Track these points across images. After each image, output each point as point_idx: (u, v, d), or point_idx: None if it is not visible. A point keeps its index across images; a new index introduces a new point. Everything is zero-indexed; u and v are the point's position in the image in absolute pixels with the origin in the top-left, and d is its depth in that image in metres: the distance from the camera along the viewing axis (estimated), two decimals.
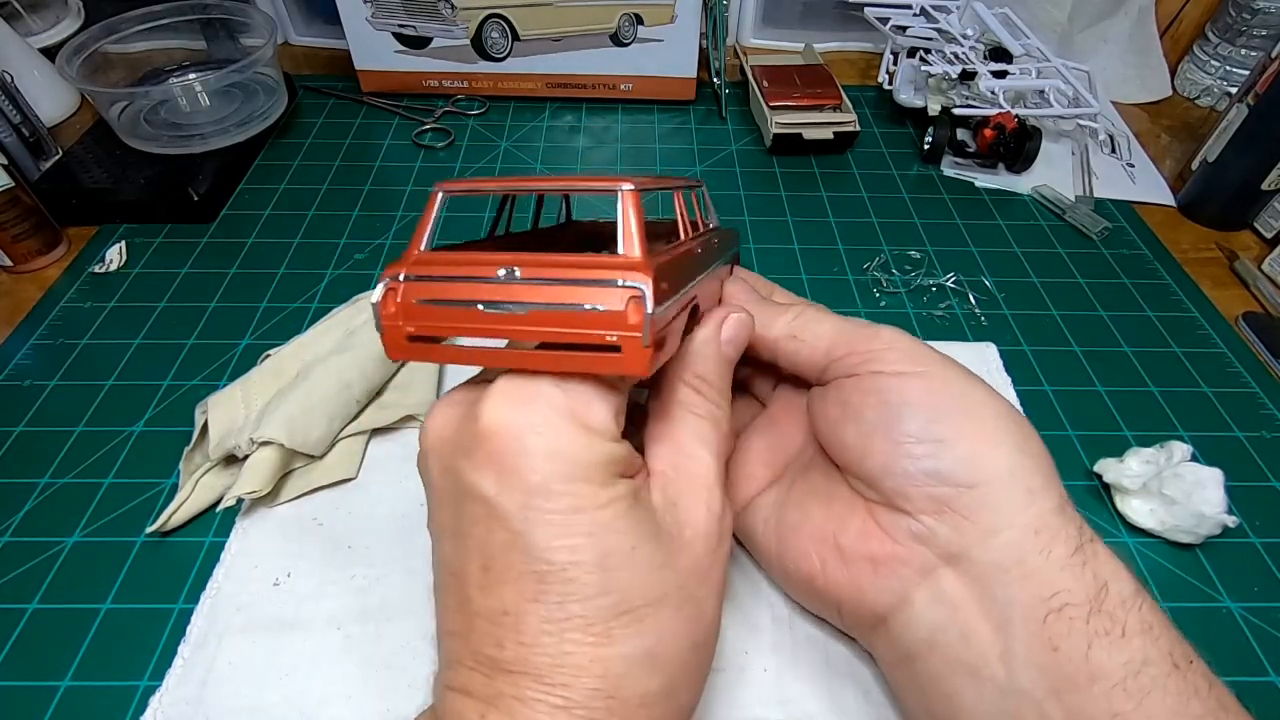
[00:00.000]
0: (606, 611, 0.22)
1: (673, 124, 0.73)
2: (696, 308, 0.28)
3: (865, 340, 0.31)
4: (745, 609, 0.37)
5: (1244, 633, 0.38)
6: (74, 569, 0.39)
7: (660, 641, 0.23)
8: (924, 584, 0.28)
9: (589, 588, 0.22)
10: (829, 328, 0.32)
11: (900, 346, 0.30)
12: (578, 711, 0.22)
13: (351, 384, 0.43)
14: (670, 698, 0.24)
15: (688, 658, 0.24)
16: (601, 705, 0.22)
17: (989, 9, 0.72)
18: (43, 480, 0.42)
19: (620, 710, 0.22)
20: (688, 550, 0.25)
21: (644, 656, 0.23)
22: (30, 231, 0.54)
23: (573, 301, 0.21)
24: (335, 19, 0.69)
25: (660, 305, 0.21)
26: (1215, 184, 0.62)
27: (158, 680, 0.34)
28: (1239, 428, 0.47)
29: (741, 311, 0.31)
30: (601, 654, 0.22)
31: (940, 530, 0.28)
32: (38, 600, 0.37)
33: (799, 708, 0.34)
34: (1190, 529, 0.40)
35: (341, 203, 0.62)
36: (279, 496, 0.40)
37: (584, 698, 0.22)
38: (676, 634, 0.24)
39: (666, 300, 0.22)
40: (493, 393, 0.23)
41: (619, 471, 0.24)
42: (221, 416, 0.41)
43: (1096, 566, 0.26)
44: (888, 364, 0.30)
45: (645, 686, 0.23)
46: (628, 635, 0.23)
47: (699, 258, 0.29)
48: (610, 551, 0.22)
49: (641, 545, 0.23)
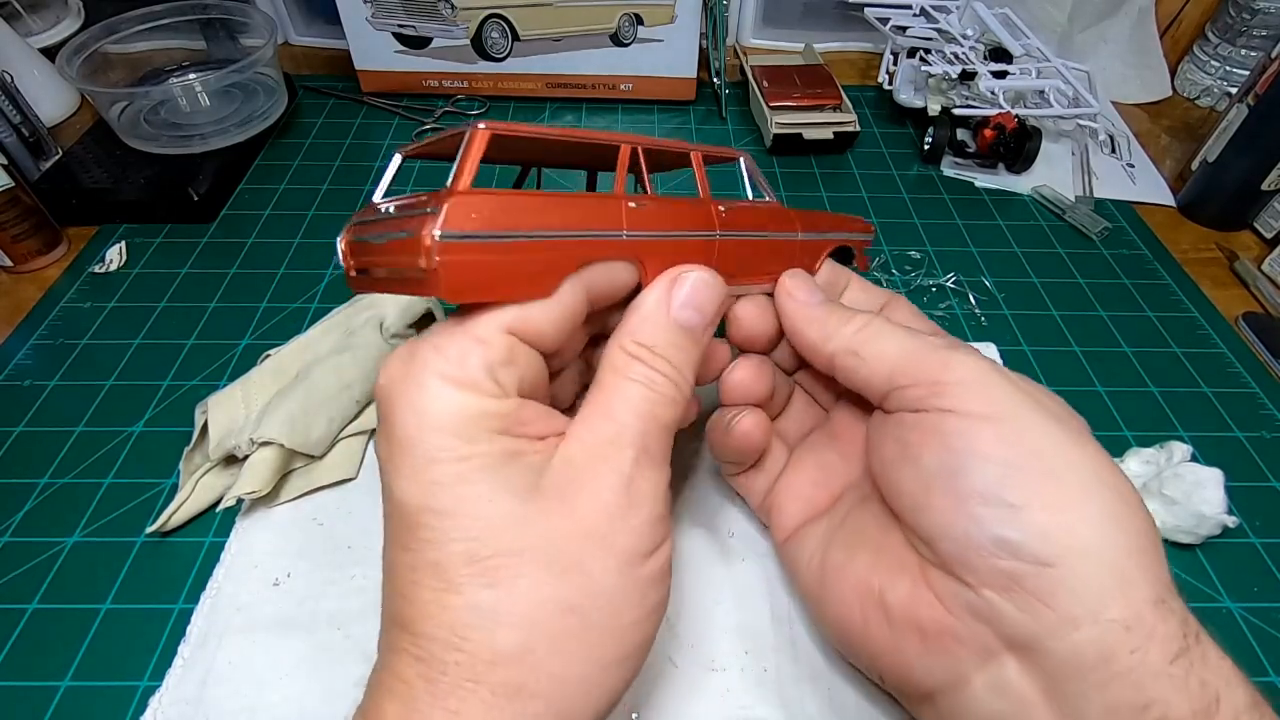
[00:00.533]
0: (456, 559, 0.22)
1: (673, 124, 0.73)
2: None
3: (935, 368, 0.26)
4: (745, 609, 0.37)
5: (1244, 633, 0.38)
6: (74, 569, 0.39)
7: (512, 598, 0.22)
8: (983, 669, 0.24)
9: (438, 533, 0.22)
10: (894, 348, 0.28)
11: (975, 380, 0.26)
12: (431, 663, 0.21)
13: (352, 384, 0.43)
14: (528, 660, 0.22)
15: (556, 621, 0.22)
16: (451, 659, 0.21)
17: (989, 9, 0.72)
18: (43, 480, 0.42)
19: (469, 665, 0.21)
20: (573, 513, 0.23)
21: (490, 610, 0.22)
22: (30, 231, 0.54)
23: (400, 230, 0.22)
24: (335, 19, 0.69)
25: (465, 233, 0.21)
26: (1215, 184, 0.62)
27: (158, 680, 0.34)
28: (1239, 428, 0.47)
29: (703, 271, 0.27)
30: (449, 601, 0.22)
31: (1007, 610, 0.23)
32: (38, 600, 0.37)
33: (799, 708, 0.34)
34: (1190, 529, 0.40)
35: (341, 203, 0.62)
36: (279, 496, 0.40)
37: (437, 649, 0.21)
38: (538, 593, 0.22)
39: (486, 232, 0.22)
40: (389, 356, 0.24)
41: (495, 427, 0.23)
42: (221, 417, 0.41)
43: (1205, 673, 0.22)
44: (957, 402, 0.25)
45: (494, 642, 0.21)
46: (475, 586, 0.22)
47: (673, 212, 0.28)
48: (463, 500, 0.22)
49: (500, 498, 0.22)
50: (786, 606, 0.37)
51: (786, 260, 0.33)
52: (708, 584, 0.38)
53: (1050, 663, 0.23)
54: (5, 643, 0.36)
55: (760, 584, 0.38)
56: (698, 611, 0.37)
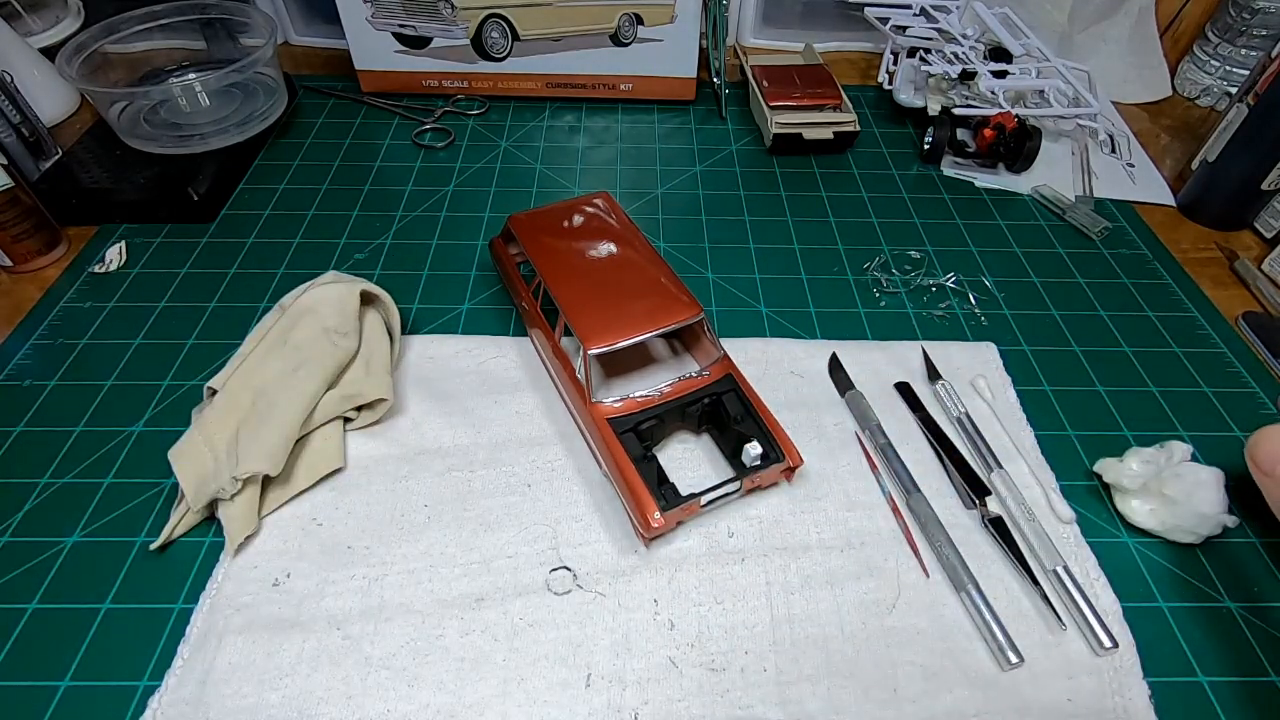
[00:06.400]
0: None
1: (673, 124, 0.73)
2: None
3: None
4: (745, 609, 0.37)
5: (1244, 633, 0.38)
6: (74, 569, 0.39)
7: None
8: None
9: None
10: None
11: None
12: None
13: (316, 394, 0.43)
14: None
15: None
16: None
17: (989, 9, 0.72)
18: (43, 480, 0.42)
19: None
20: None
21: None
22: (30, 231, 0.54)
23: None
24: (335, 19, 0.69)
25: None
26: (1215, 184, 0.62)
27: (157, 680, 0.34)
28: (1239, 428, 0.47)
29: None
30: None
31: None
32: (38, 600, 0.37)
33: (799, 708, 0.34)
34: (1190, 529, 0.40)
35: (341, 203, 0.62)
36: (265, 508, 0.41)
37: None
38: None
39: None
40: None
41: None
42: (189, 468, 0.40)
43: None
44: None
45: None
46: None
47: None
48: None
49: None
50: (786, 606, 0.37)
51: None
52: (708, 584, 0.38)
53: None
54: (5, 643, 0.36)
55: (760, 584, 0.38)
56: (698, 611, 0.37)
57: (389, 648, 0.36)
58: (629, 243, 0.48)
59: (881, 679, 0.35)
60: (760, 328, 0.52)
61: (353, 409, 0.44)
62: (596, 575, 0.39)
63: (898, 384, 0.48)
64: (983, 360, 0.50)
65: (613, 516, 0.41)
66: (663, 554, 0.40)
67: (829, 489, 0.43)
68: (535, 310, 0.47)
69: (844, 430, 0.46)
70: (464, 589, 0.38)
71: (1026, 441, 0.45)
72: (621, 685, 0.35)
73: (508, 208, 0.62)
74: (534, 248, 0.48)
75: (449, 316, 0.53)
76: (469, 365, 0.49)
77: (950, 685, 0.35)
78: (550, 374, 0.48)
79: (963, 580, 0.38)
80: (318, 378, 0.43)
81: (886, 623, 0.37)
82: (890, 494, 0.42)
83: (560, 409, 0.46)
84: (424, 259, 0.57)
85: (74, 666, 0.35)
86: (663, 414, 0.42)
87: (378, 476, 0.43)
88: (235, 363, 0.43)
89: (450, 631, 0.36)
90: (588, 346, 0.41)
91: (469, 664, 0.35)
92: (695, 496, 0.39)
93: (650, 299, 0.44)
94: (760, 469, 0.40)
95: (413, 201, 0.63)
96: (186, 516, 0.40)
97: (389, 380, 0.45)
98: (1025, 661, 0.35)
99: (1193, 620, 0.38)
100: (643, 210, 0.62)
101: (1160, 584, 0.39)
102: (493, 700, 0.34)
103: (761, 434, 0.41)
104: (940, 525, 0.40)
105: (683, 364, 0.48)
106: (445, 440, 0.44)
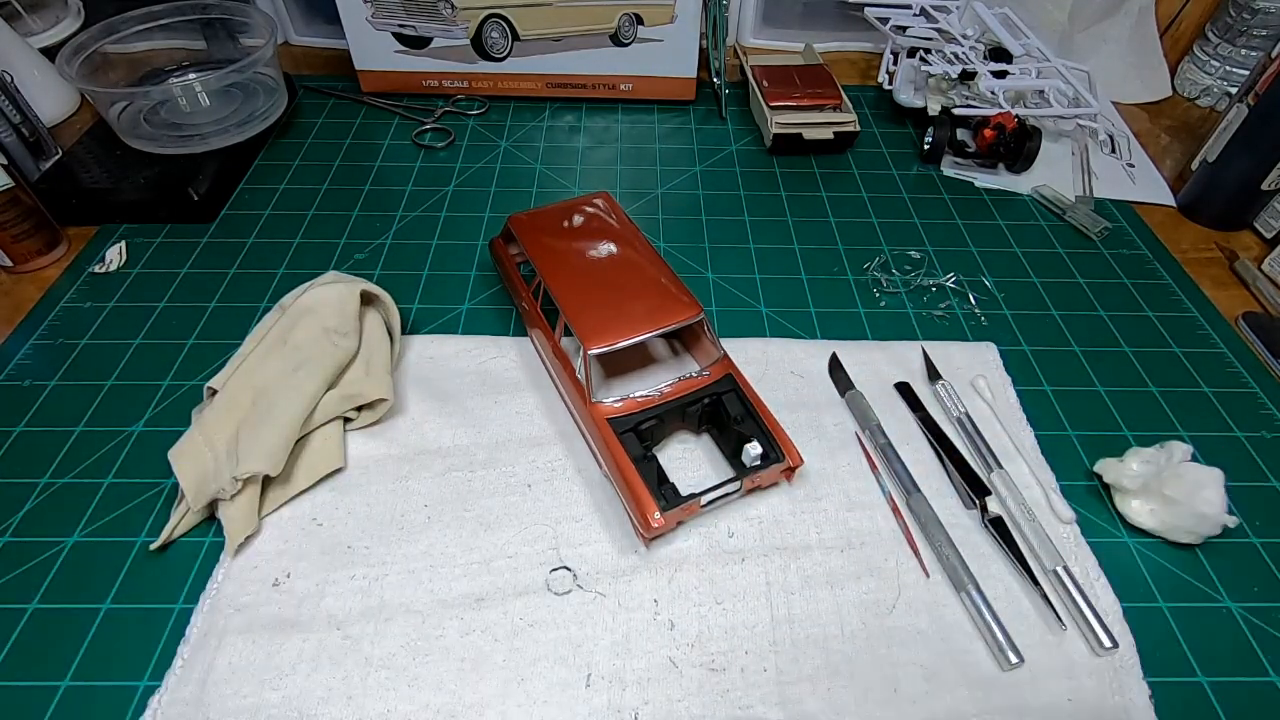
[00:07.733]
0: None
1: (673, 124, 0.73)
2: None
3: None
4: (745, 609, 0.37)
5: (1244, 633, 0.38)
6: (74, 569, 0.39)
7: None
8: None
9: None
10: None
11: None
12: None
13: (316, 394, 0.43)
14: None
15: None
16: None
17: (989, 9, 0.72)
18: (43, 480, 0.42)
19: None
20: None
21: None
22: (30, 231, 0.54)
23: None
24: (335, 19, 0.69)
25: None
26: (1215, 184, 0.62)
27: (157, 680, 0.34)
28: (1239, 428, 0.47)
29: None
30: None
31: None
32: (38, 600, 0.37)
33: (799, 708, 0.34)
34: (1190, 529, 0.40)
35: (341, 203, 0.62)
36: (265, 508, 0.41)
37: None
38: None
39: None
40: None
41: None
42: (189, 468, 0.40)
43: None
44: None
45: None
46: None
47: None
48: None
49: None
50: (786, 606, 0.37)
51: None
52: (708, 584, 0.38)
53: None
54: (5, 643, 0.36)
55: (760, 584, 0.38)
56: (698, 611, 0.37)
57: (389, 648, 0.36)
58: (629, 243, 0.48)
59: (882, 679, 0.35)
60: (760, 328, 0.52)
61: (353, 409, 0.44)
62: (596, 575, 0.39)
63: (898, 384, 0.48)
64: (983, 360, 0.50)
65: (613, 517, 0.41)
66: (663, 554, 0.40)
67: (829, 489, 0.43)
68: (535, 310, 0.47)
69: (844, 430, 0.46)
70: (464, 589, 0.38)
71: (1026, 441, 0.45)
72: (621, 685, 0.35)
73: (508, 208, 0.62)
74: (534, 248, 0.48)
75: (449, 316, 0.53)
76: (469, 365, 0.49)
77: (950, 685, 0.35)
78: (550, 374, 0.48)
79: (963, 580, 0.38)
80: (318, 378, 0.43)
81: (887, 623, 0.37)
82: (890, 494, 0.42)
83: (560, 409, 0.46)
84: (424, 259, 0.57)
85: (74, 666, 0.35)
86: (663, 414, 0.42)
87: (378, 476, 0.43)
88: (235, 363, 0.43)
89: (450, 631, 0.36)
90: (588, 346, 0.41)
91: (469, 664, 0.35)
92: (695, 496, 0.39)
93: (650, 299, 0.44)
94: (760, 469, 0.40)
95: (413, 201, 0.63)
96: (186, 517, 0.40)
97: (389, 380, 0.45)
98: (1025, 661, 0.35)
99: (1193, 620, 0.38)
100: (643, 210, 0.62)
101: (1160, 584, 0.39)
102: (493, 700, 0.34)
103: (761, 434, 0.41)
104: (940, 525, 0.40)
105: (683, 364, 0.48)
106: (445, 440, 0.44)
